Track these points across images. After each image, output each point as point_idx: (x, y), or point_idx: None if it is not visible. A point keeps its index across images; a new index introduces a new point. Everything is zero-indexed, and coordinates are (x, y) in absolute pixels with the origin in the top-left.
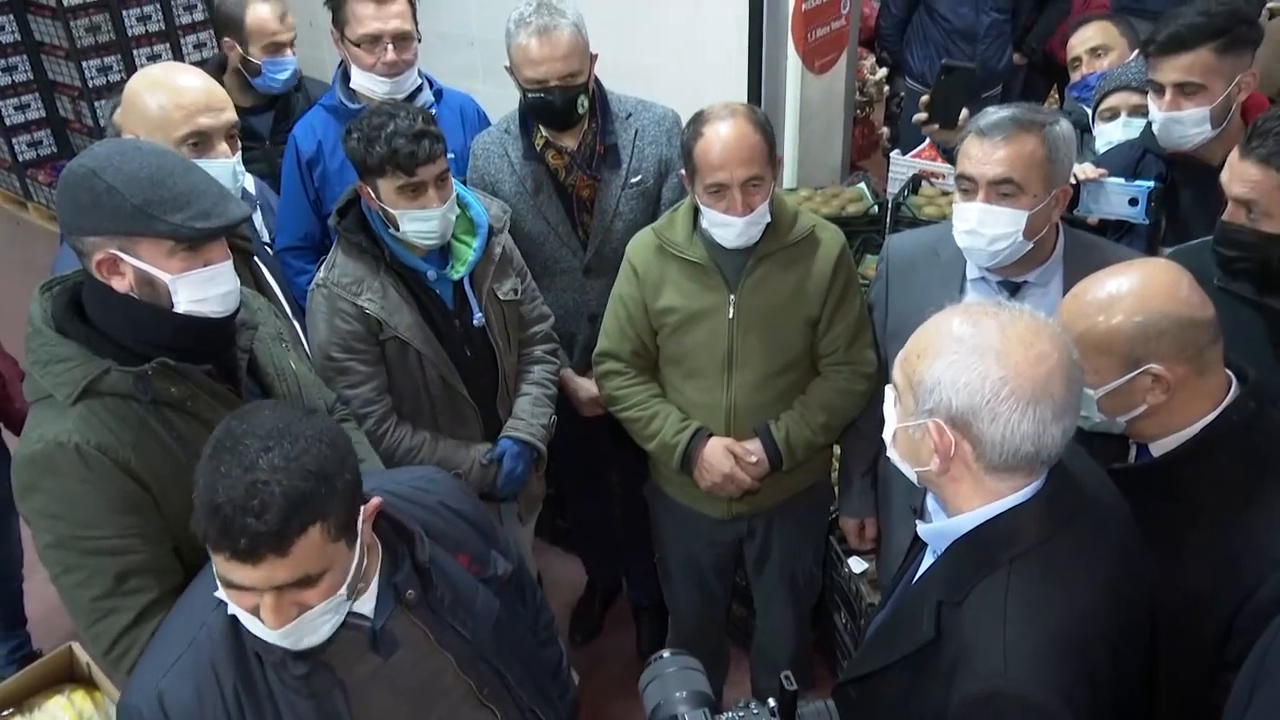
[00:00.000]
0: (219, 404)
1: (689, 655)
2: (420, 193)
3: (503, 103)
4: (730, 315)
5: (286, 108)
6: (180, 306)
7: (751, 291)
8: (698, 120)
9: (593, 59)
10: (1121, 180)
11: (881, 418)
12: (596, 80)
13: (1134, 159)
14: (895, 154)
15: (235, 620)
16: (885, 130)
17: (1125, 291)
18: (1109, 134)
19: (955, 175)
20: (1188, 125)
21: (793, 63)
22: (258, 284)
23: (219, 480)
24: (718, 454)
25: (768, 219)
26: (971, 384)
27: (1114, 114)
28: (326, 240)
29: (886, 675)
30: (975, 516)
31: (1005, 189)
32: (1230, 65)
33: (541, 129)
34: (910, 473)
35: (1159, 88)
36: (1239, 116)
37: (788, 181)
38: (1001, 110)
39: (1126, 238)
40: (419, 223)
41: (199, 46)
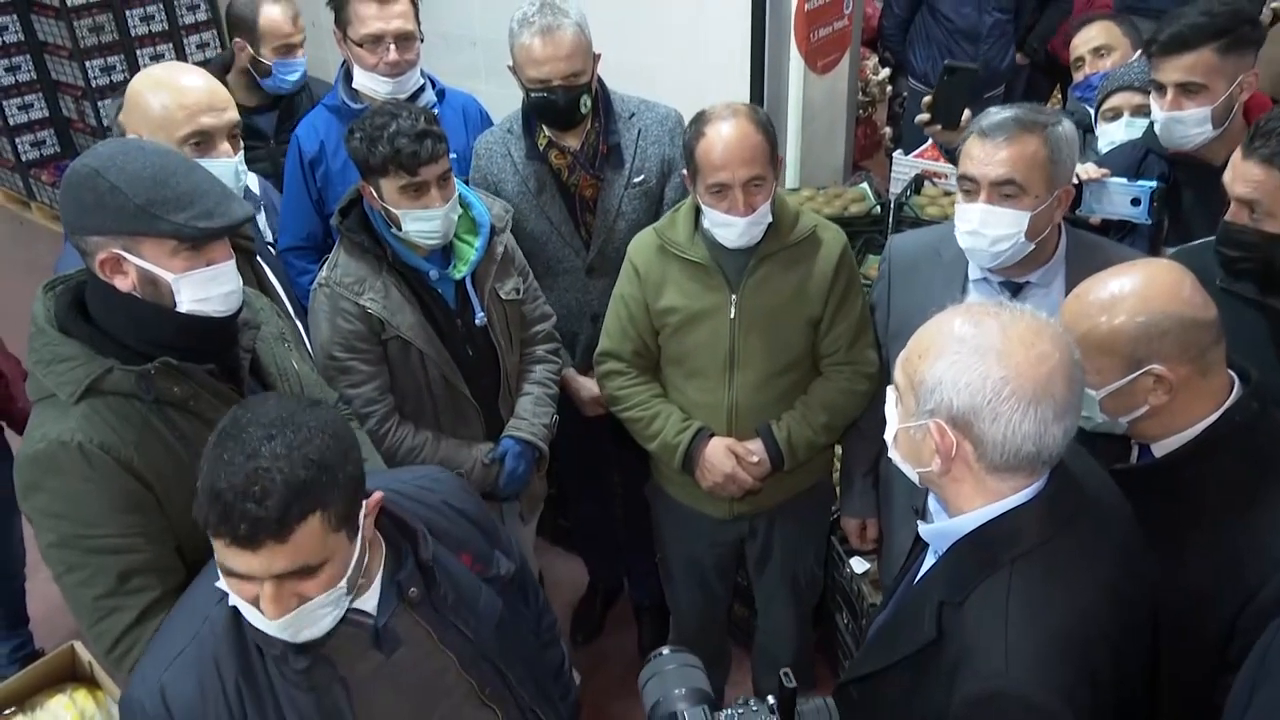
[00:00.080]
0: (221, 403)
1: (688, 652)
2: (423, 192)
3: (505, 103)
4: (732, 315)
5: (291, 107)
6: (183, 306)
7: (753, 291)
8: (699, 120)
9: (596, 59)
10: (1124, 180)
11: (883, 418)
12: (599, 80)
13: (1136, 159)
14: (898, 154)
15: (237, 614)
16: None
17: (1128, 292)
18: (1111, 134)
19: (957, 176)
20: (1189, 125)
21: (795, 63)
22: (260, 284)
23: (221, 467)
24: (719, 454)
25: (769, 219)
26: (973, 384)
27: (1116, 114)
28: (329, 240)
29: (888, 675)
30: (977, 517)
31: (1007, 190)
32: (1232, 65)
33: (544, 128)
34: (912, 473)
35: (1161, 87)
36: (1241, 116)
37: (790, 181)
38: (1003, 111)
39: (1129, 238)
40: (421, 222)
41: (202, 46)
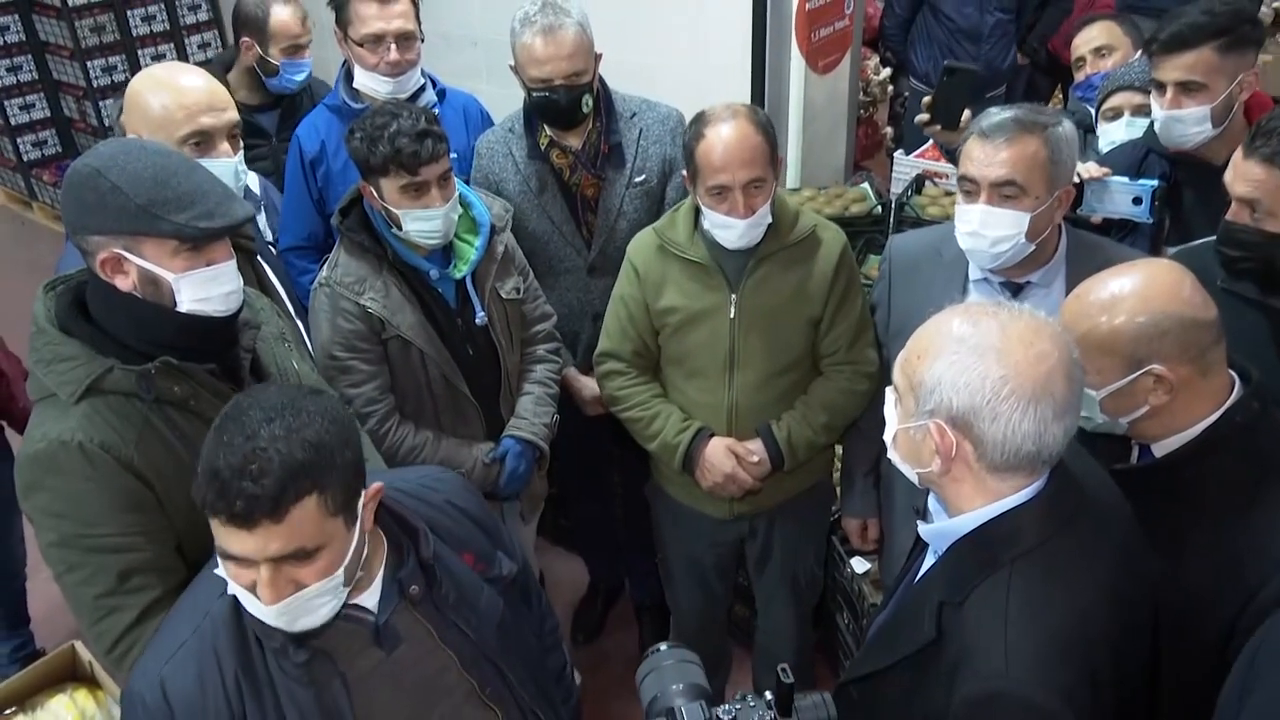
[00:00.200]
0: (222, 403)
1: (686, 649)
2: (423, 192)
3: (506, 103)
4: (732, 315)
5: (293, 106)
6: (183, 306)
7: (753, 291)
8: (699, 121)
9: (597, 58)
10: (1125, 179)
11: (883, 418)
12: (601, 79)
13: (1137, 158)
14: (899, 154)
15: (238, 608)
16: (889, 130)
17: (1128, 292)
18: (1112, 134)
19: (957, 177)
20: (1188, 124)
21: (796, 63)
22: (261, 283)
23: (221, 448)
24: (719, 454)
25: (769, 220)
26: (972, 384)
27: (1117, 114)
28: (330, 240)
29: (888, 675)
30: (976, 517)
31: (1007, 191)
32: (1233, 64)
33: (546, 128)
34: (911, 474)
35: (1161, 86)
36: (1241, 116)
37: (791, 181)
38: (1003, 111)
39: (1130, 237)
40: (422, 222)
41: (203, 46)
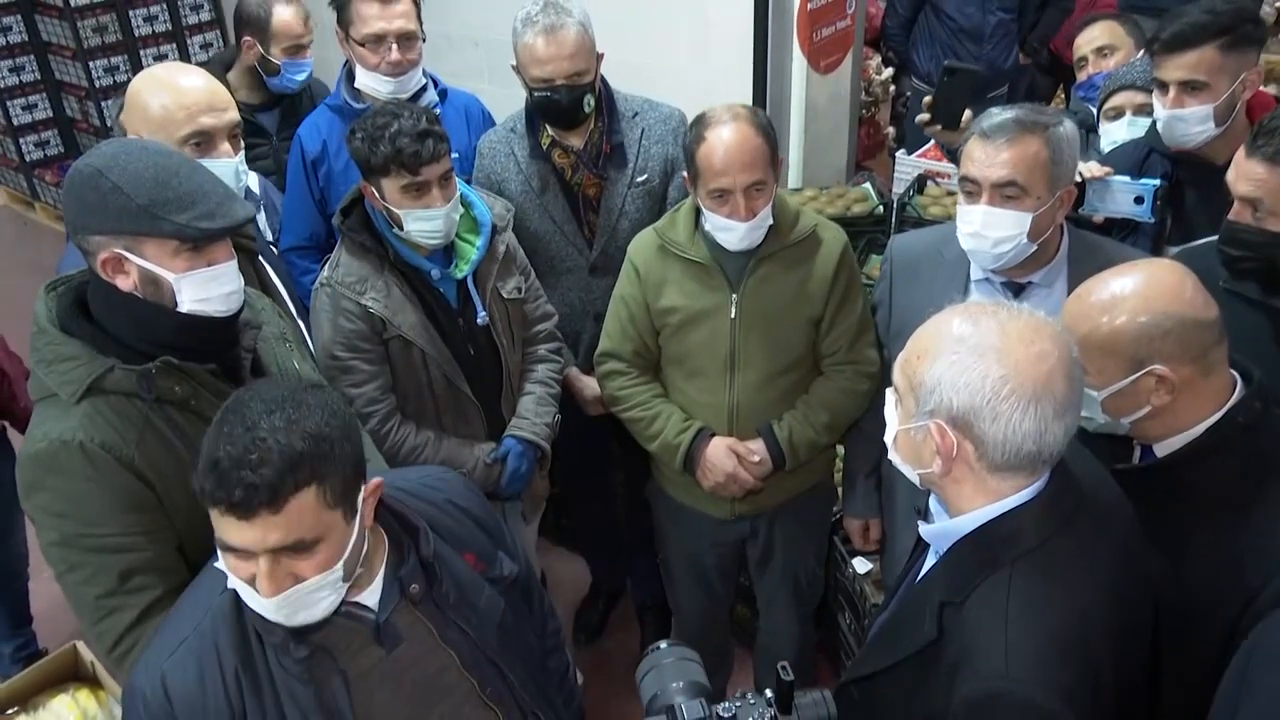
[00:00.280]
0: (222, 403)
1: (686, 646)
2: (424, 192)
3: (508, 103)
4: (732, 315)
5: (293, 105)
6: (184, 306)
7: (753, 291)
8: (700, 124)
9: (599, 58)
10: (1127, 178)
11: (885, 418)
12: (603, 79)
13: (1139, 158)
14: (900, 154)
15: (239, 604)
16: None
17: (1129, 292)
18: (1114, 133)
19: (958, 177)
20: (1191, 123)
21: (798, 63)
22: (262, 284)
23: (221, 439)
24: (720, 454)
25: (770, 222)
26: (972, 384)
27: (1119, 113)
28: (331, 240)
29: (889, 675)
30: (977, 517)
31: (1009, 191)
32: (1235, 63)
33: (548, 128)
34: (912, 475)
35: (1163, 85)
36: (1244, 115)
37: (793, 181)
38: (1004, 112)
39: (1132, 236)
40: (423, 222)
41: (205, 47)
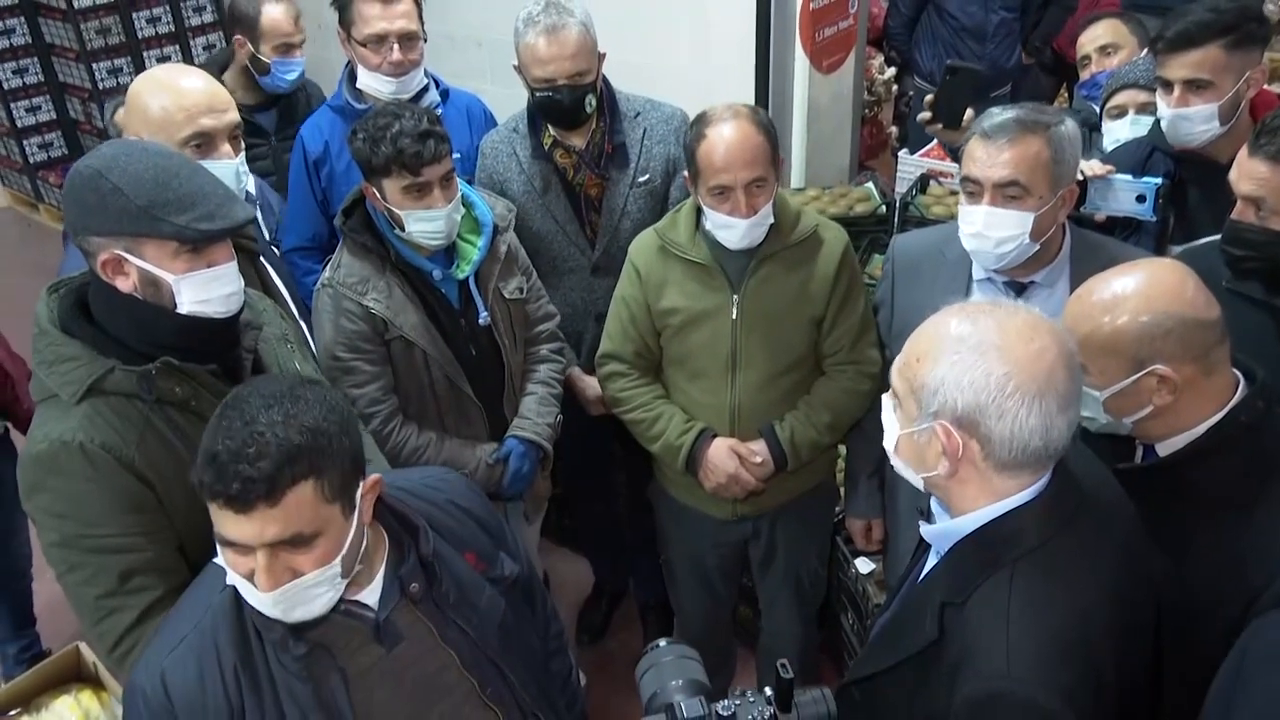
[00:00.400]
0: None
1: (686, 645)
2: (426, 193)
3: (510, 103)
4: (734, 316)
5: (290, 106)
6: (184, 307)
7: (755, 292)
8: (700, 122)
9: (601, 58)
10: (1129, 176)
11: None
12: (604, 79)
13: (1142, 157)
14: (903, 153)
15: (239, 601)
16: (894, 130)
17: (1130, 292)
18: (1116, 132)
19: (960, 178)
20: (1196, 122)
21: (800, 62)
22: (263, 284)
23: (220, 433)
24: (722, 455)
25: (771, 220)
26: (976, 382)
27: (1122, 112)
28: (334, 240)
29: (890, 676)
30: (978, 517)
31: (1011, 191)
32: (1239, 62)
33: (550, 128)
34: (916, 479)
35: (1167, 84)
36: (1247, 114)
37: (795, 181)
38: (1006, 112)
39: (1134, 235)
40: (425, 223)
41: (209, 48)
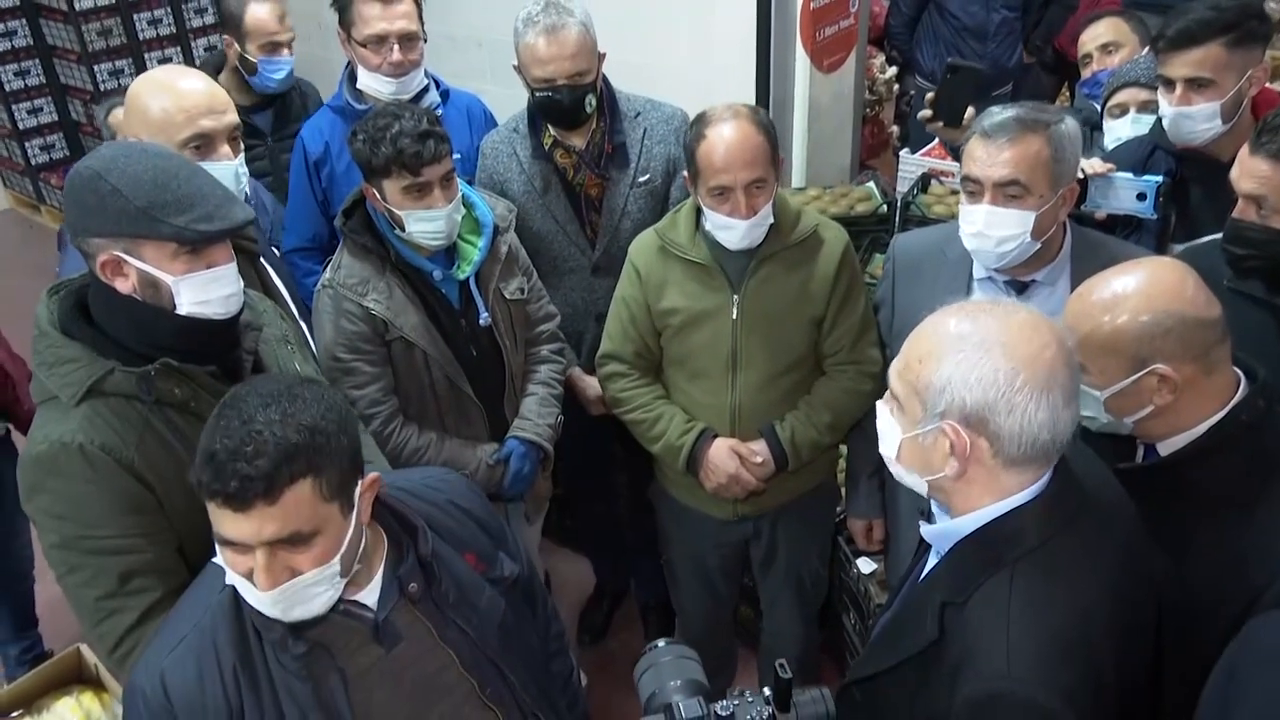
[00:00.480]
0: None
1: (685, 645)
2: (426, 193)
3: (511, 104)
4: (734, 316)
5: (286, 105)
6: (183, 308)
7: (755, 292)
8: (700, 122)
9: (600, 58)
10: (1130, 175)
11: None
12: (605, 79)
13: (1143, 155)
14: (904, 153)
15: (238, 601)
16: (895, 129)
17: (1130, 291)
18: (1118, 130)
19: (960, 177)
20: (1198, 120)
21: (801, 62)
22: (264, 285)
23: (218, 432)
24: (723, 455)
25: (771, 220)
26: (985, 378)
27: (1123, 110)
28: (334, 241)
29: (891, 676)
30: (979, 517)
31: (1012, 190)
32: (1241, 60)
33: (550, 128)
34: (919, 483)
35: (1169, 83)
36: (1249, 112)
37: (796, 181)
38: (1005, 111)
39: (1135, 234)
40: (425, 223)
41: (210, 49)
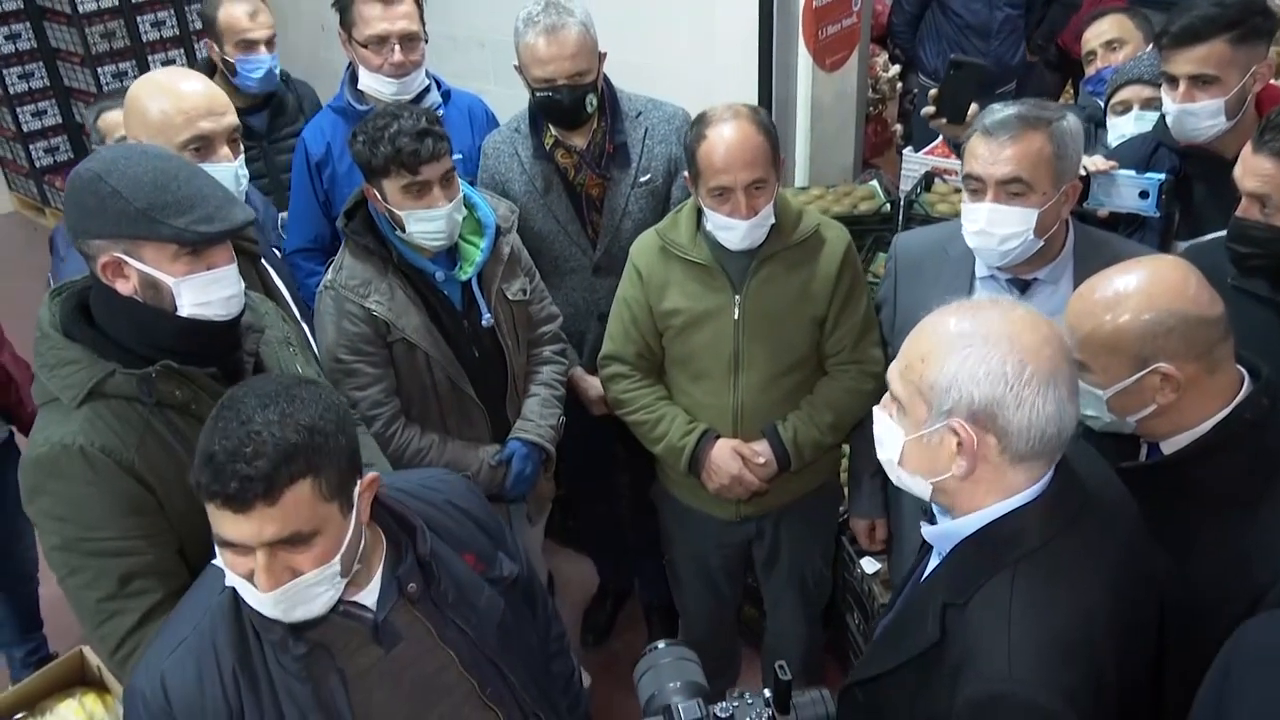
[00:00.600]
0: None
1: (685, 646)
2: (425, 192)
3: (514, 104)
4: (735, 316)
5: (281, 106)
6: (184, 310)
7: (756, 292)
8: (701, 122)
9: (601, 58)
10: (1132, 172)
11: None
12: (606, 79)
13: (1147, 152)
14: (908, 151)
15: (237, 603)
16: (898, 128)
17: (1132, 289)
18: (1121, 127)
19: (962, 175)
20: (1202, 117)
21: (804, 61)
22: (265, 287)
23: (216, 433)
24: (725, 456)
25: (772, 220)
26: (993, 373)
27: (1126, 107)
28: (336, 242)
29: (892, 677)
30: (980, 517)
31: (1014, 188)
32: (1245, 56)
33: (551, 128)
34: (924, 487)
35: (1173, 80)
36: (1253, 108)
37: (799, 180)
38: (1007, 108)
39: (1139, 232)
40: (425, 223)
41: None
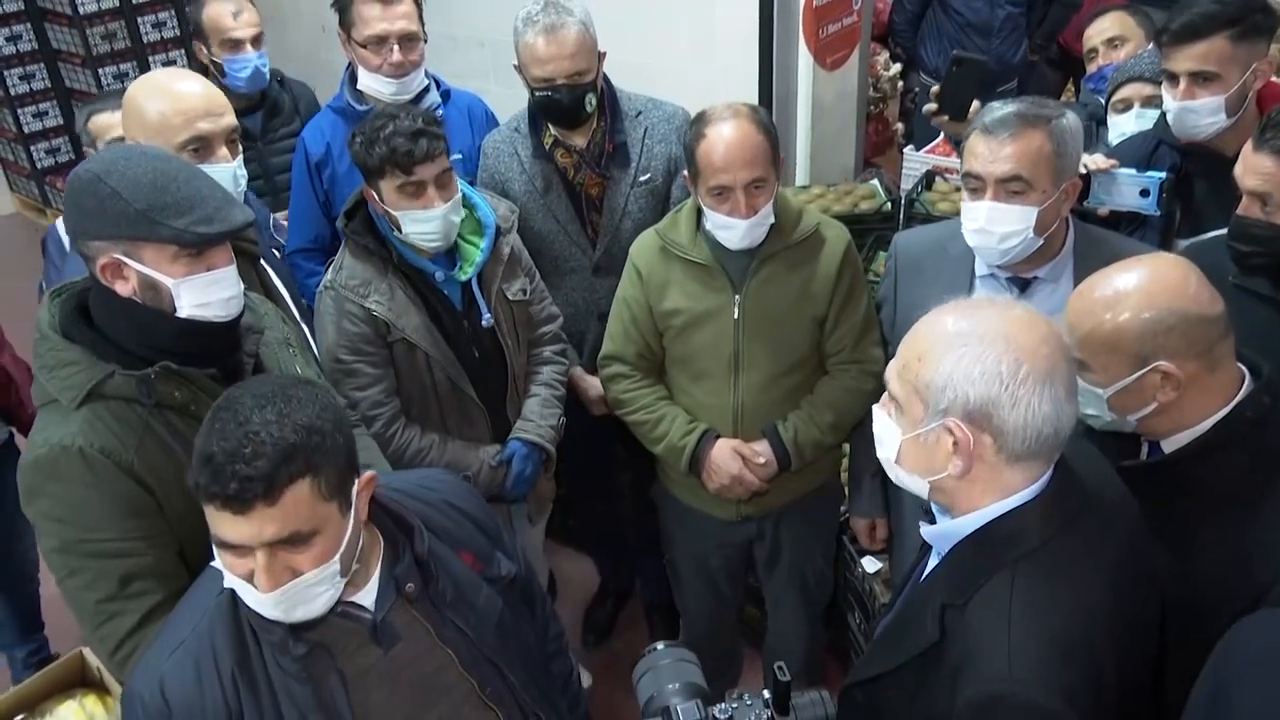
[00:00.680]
0: None
1: (684, 647)
2: (420, 191)
3: (514, 104)
4: (735, 316)
5: (275, 107)
6: (183, 311)
7: (756, 292)
8: (700, 121)
9: (601, 57)
10: (1133, 171)
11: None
12: (605, 78)
13: (1148, 150)
14: (909, 150)
15: (236, 605)
16: (899, 126)
17: (1132, 288)
18: (1122, 125)
19: (962, 174)
20: (1202, 115)
21: (804, 59)
22: (265, 287)
23: (214, 434)
24: (725, 456)
25: (771, 220)
26: (988, 371)
27: (1127, 105)
28: (336, 242)
29: (892, 677)
30: (979, 517)
31: (1014, 186)
32: (1245, 53)
33: (550, 128)
34: (921, 485)
35: (1173, 77)
36: (1254, 106)
37: (800, 179)
38: (1006, 106)
39: (1139, 230)
40: (420, 224)
41: None
